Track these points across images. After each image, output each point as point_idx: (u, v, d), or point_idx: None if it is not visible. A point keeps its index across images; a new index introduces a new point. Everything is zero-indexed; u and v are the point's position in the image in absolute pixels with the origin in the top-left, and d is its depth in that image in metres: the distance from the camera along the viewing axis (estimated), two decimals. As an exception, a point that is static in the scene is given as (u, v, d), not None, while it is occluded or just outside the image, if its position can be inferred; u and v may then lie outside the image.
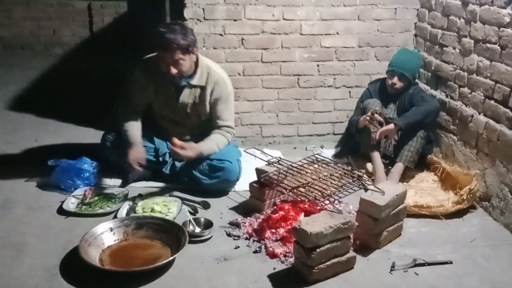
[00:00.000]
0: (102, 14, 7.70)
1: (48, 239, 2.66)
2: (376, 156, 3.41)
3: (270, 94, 3.96)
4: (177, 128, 3.32)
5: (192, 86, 3.19)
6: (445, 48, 3.59)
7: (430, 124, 3.52)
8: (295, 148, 4.04)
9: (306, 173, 2.88)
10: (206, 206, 3.06)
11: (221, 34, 3.73)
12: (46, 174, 3.22)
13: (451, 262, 2.56)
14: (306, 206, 2.81)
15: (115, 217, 2.84)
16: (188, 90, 3.20)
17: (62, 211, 2.91)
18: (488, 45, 3.10)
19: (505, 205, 2.93)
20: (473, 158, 3.24)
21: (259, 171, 2.99)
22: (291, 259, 2.50)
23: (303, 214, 2.73)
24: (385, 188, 2.68)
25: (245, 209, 3.03)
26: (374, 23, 3.92)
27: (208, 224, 2.77)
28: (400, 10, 3.94)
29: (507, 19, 2.90)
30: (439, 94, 3.66)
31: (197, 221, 2.80)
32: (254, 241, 2.68)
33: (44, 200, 3.06)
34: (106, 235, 2.59)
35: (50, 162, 3.28)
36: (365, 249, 2.64)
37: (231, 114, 3.31)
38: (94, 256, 2.43)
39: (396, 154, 3.44)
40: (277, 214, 2.77)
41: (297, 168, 2.92)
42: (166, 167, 3.30)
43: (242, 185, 3.23)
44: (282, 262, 2.51)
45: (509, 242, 2.80)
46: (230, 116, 3.30)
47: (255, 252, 2.60)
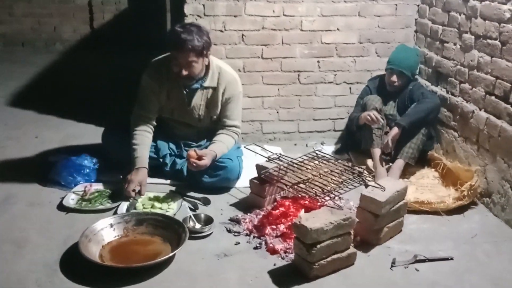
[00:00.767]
0: (103, 11, 7.71)
1: (48, 235, 2.66)
2: (376, 152, 3.40)
3: (270, 90, 3.95)
4: (185, 129, 3.30)
5: (204, 88, 3.15)
6: (445, 44, 3.58)
7: (431, 120, 3.52)
8: (296, 144, 4.03)
9: (307, 169, 2.87)
10: (206, 202, 3.05)
11: (221, 30, 3.72)
12: (47, 170, 3.22)
13: (452, 259, 2.56)
14: (307, 202, 2.81)
15: (115, 213, 2.84)
16: (200, 92, 3.15)
17: (62, 207, 2.91)
18: (488, 41, 3.09)
19: (506, 201, 2.92)
20: (474, 154, 3.24)
21: (260, 167, 2.98)
22: (292, 255, 2.49)
23: (304, 210, 2.72)
24: (385, 184, 2.67)
25: (245, 205, 3.02)
26: (375, 19, 3.91)
27: (208, 220, 2.77)
28: (400, 6, 3.93)
29: (508, 15, 2.89)
30: (440, 90, 3.65)
31: (197, 217, 2.80)
32: (254, 237, 2.68)
33: (44, 196, 3.06)
34: (106, 231, 2.59)
35: (50, 158, 3.27)
36: (365, 245, 2.64)
37: (239, 113, 3.29)
38: (94, 252, 2.44)
39: (397, 150, 3.44)
40: (277, 210, 2.77)
41: (297, 164, 2.92)
42: (166, 166, 3.28)
43: (242, 181, 3.23)
44: (283, 258, 2.51)
45: (510, 238, 2.80)
46: (238, 115, 3.28)
47: (256, 248, 2.60)
